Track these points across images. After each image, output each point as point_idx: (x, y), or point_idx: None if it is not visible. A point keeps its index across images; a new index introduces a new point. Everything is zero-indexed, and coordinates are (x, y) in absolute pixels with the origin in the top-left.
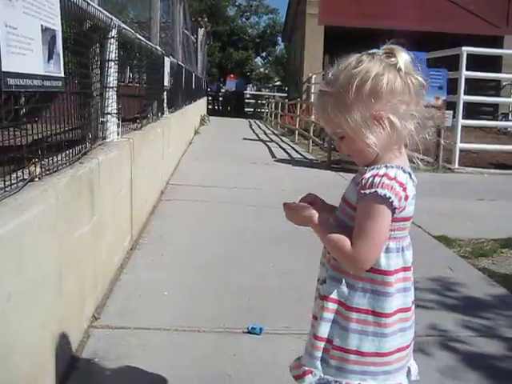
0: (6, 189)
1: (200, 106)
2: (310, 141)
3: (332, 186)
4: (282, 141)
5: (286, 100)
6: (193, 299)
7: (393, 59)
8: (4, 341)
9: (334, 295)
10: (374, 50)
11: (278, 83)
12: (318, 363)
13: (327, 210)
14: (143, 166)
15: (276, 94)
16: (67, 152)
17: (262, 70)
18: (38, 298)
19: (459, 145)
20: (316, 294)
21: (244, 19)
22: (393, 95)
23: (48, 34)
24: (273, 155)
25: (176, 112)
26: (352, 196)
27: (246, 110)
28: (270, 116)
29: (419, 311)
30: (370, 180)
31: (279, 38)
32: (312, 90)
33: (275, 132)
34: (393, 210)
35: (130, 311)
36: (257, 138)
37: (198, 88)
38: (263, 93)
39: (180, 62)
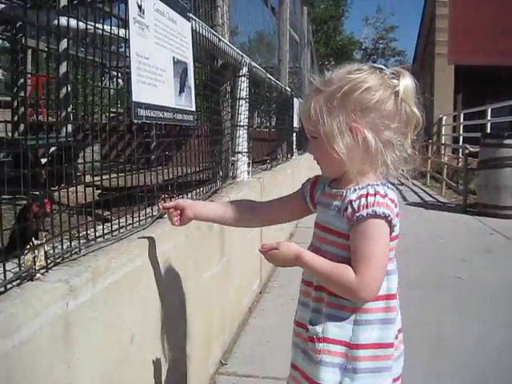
0: (135, 224)
1: None
2: (444, 183)
3: (467, 229)
4: (413, 184)
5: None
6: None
7: (395, 81)
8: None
9: (335, 336)
10: (382, 66)
11: None
12: None
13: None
14: None
15: None
16: (198, 190)
17: None
18: (162, 342)
19: None
20: (295, 340)
21: (371, 62)
22: (379, 115)
23: (179, 66)
24: (404, 198)
25: (305, 154)
26: (338, 223)
27: None
28: None
29: None
30: (363, 201)
31: None
32: (443, 132)
33: (405, 175)
34: (391, 227)
35: (258, 358)
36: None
37: None
38: None
39: None
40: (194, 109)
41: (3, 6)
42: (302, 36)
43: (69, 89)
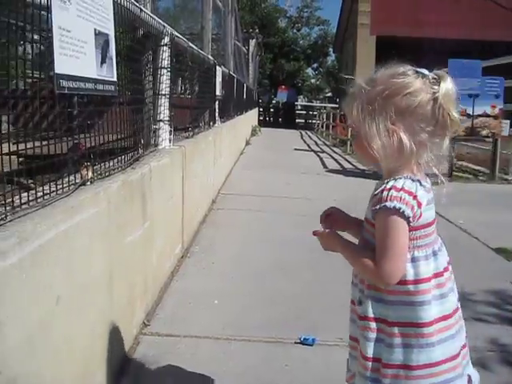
0: (58, 192)
1: (251, 116)
2: None
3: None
4: (334, 151)
5: (338, 110)
6: (243, 308)
7: (435, 87)
8: (54, 344)
9: (373, 314)
10: (425, 71)
11: (328, 94)
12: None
13: (351, 222)
14: (194, 174)
15: (327, 104)
16: (119, 158)
17: (313, 81)
18: (88, 303)
19: None
20: (352, 316)
21: (295, 30)
22: (416, 119)
23: (101, 38)
24: (324, 165)
25: (227, 122)
26: (369, 213)
27: (297, 121)
28: (322, 127)
29: (479, 325)
30: (379, 195)
31: (330, 49)
32: None
33: (327, 143)
34: (407, 219)
35: (180, 319)
36: (308, 149)
37: (250, 99)
38: (314, 104)
39: (231, 73)
40: (115, 79)
41: None
42: (225, 3)
43: None
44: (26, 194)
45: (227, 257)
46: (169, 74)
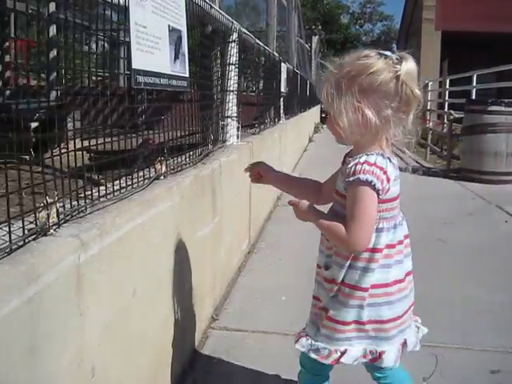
0: (134, 185)
1: (314, 113)
2: (428, 149)
3: (450, 194)
4: (398, 149)
5: None
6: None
7: (397, 66)
8: (128, 335)
9: (339, 277)
10: (388, 53)
11: None
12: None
13: (277, 178)
14: None
15: None
16: (190, 153)
17: None
18: (161, 296)
19: None
20: (317, 278)
21: (358, 26)
22: (380, 96)
23: (174, 34)
24: None
25: (291, 119)
26: (340, 185)
27: None
28: None
29: None
30: (353, 168)
31: (394, 45)
32: (429, 97)
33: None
34: (377, 192)
35: (247, 314)
36: None
37: (312, 96)
38: None
39: (295, 69)
40: (187, 75)
41: None
42: (289, 0)
43: (56, 53)
44: (103, 187)
45: (293, 253)
46: (237, 70)
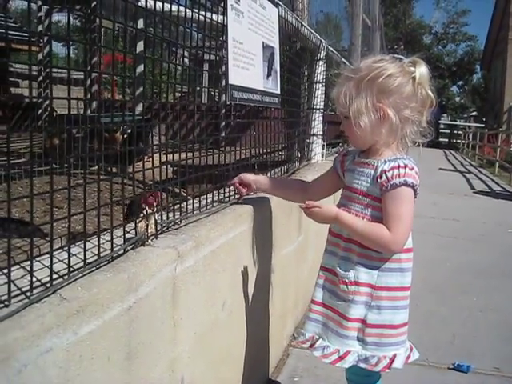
0: (225, 200)
1: None
2: None
3: None
4: (481, 172)
5: (486, 130)
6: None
7: (412, 68)
8: (216, 348)
9: (364, 280)
10: (400, 57)
11: (473, 113)
12: (356, 342)
13: (265, 182)
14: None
15: (472, 124)
16: (277, 170)
17: (457, 99)
18: (246, 310)
19: None
20: (320, 281)
21: (440, 47)
22: (399, 97)
23: (268, 50)
24: (471, 187)
25: None
26: (372, 188)
27: (439, 140)
28: (467, 147)
29: None
30: (396, 172)
31: (477, 66)
32: None
33: (472, 163)
34: (416, 195)
35: None
36: (453, 169)
37: None
38: (458, 123)
39: None
40: (279, 92)
41: None
42: (373, 19)
43: (142, 68)
44: (196, 200)
45: None
46: (323, 88)
